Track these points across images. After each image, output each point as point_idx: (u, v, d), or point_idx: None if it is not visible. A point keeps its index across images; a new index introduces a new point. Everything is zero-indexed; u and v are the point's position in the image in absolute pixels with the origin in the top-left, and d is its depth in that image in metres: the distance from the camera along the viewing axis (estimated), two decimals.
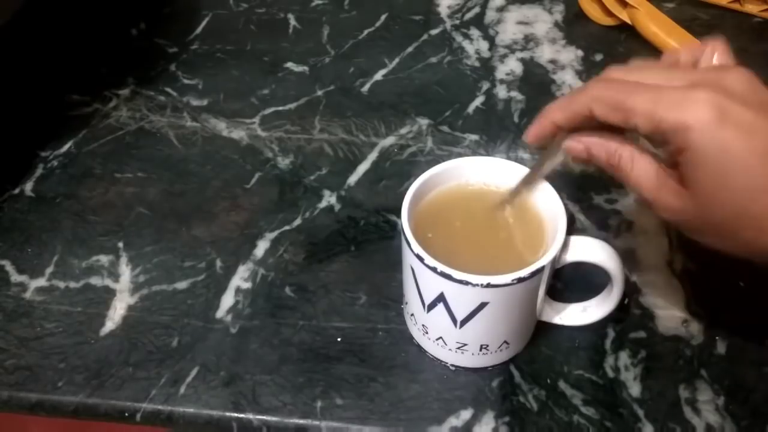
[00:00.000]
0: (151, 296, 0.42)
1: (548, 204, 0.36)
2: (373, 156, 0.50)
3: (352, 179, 0.49)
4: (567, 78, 0.56)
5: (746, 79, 0.29)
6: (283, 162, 0.50)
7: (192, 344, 0.40)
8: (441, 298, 0.34)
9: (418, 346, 0.39)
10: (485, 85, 0.56)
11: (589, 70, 0.57)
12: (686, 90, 0.29)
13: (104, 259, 0.44)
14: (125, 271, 0.44)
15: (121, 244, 0.45)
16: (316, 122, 0.53)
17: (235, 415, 0.37)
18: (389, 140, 0.52)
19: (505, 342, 0.37)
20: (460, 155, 0.49)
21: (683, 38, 0.56)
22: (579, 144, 0.33)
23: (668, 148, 0.29)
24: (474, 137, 0.52)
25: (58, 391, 0.38)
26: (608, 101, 0.30)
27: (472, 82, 0.56)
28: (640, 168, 0.31)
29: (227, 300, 0.42)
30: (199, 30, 0.62)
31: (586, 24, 0.62)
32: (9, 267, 0.44)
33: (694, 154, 0.28)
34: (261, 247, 0.45)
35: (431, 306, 0.35)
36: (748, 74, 0.29)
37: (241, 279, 0.43)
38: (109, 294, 0.43)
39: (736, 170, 0.28)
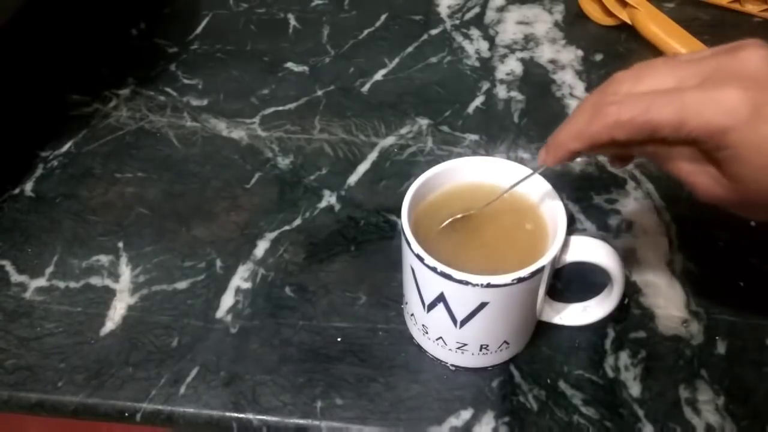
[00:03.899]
0: (151, 296, 0.42)
1: (548, 204, 0.36)
2: (373, 156, 0.50)
3: (352, 179, 0.49)
4: (567, 78, 0.56)
5: (761, 55, 0.28)
6: (283, 162, 0.50)
7: (192, 344, 0.40)
8: (441, 298, 0.34)
9: (418, 346, 0.39)
10: (485, 85, 0.56)
11: (589, 70, 0.57)
12: (709, 89, 0.27)
13: (104, 259, 0.44)
14: (125, 271, 0.44)
15: (121, 244, 0.45)
16: (316, 122, 0.53)
17: (235, 415, 0.37)
18: (389, 140, 0.52)
19: (505, 342, 0.37)
20: (460, 155, 0.49)
21: (683, 38, 0.56)
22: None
23: (702, 147, 0.28)
24: (474, 137, 0.52)
25: (58, 391, 0.38)
26: (629, 125, 0.28)
27: (472, 82, 0.56)
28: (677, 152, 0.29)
29: (227, 300, 0.42)
30: (199, 30, 0.62)
31: (586, 24, 0.62)
32: (9, 267, 0.44)
33: (732, 152, 0.27)
34: (261, 247, 0.45)
35: (431, 306, 0.35)
36: (761, 49, 0.28)
37: (241, 279, 0.43)
38: (109, 294, 0.43)
39: None
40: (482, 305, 0.33)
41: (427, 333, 0.37)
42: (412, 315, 0.38)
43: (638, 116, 0.28)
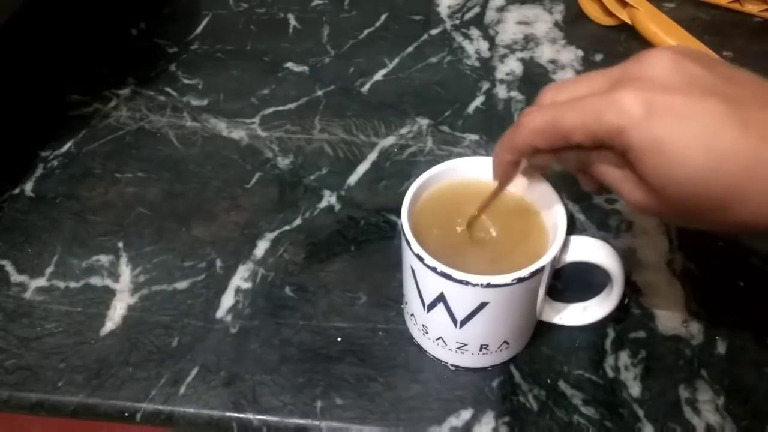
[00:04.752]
0: (151, 296, 0.42)
1: (548, 204, 0.36)
2: (373, 156, 0.50)
3: (352, 179, 0.49)
4: (567, 78, 0.56)
5: (666, 59, 0.28)
6: (283, 162, 0.50)
7: (192, 344, 0.40)
8: (441, 298, 0.34)
9: (418, 346, 0.39)
10: (485, 85, 0.56)
11: (588, 70, 0.56)
12: (609, 93, 0.28)
13: (104, 259, 0.44)
14: (125, 271, 0.44)
15: (121, 244, 0.45)
16: (316, 122, 0.53)
17: (235, 415, 0.37)
18: (389, 140, 0.52)
19: (505, 342, 0.37)
20: (460, 155, 0.49)
21: (683, 38, 0.56)
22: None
23: (616, 152, 0.29)
24: (474, 137, 0.52)
25: (58, 391, 0.38)
26: (543, 131, 0.30)
27: (472, 82, 0.56)
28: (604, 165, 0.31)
29: (227, 300, 0.42)
30: (199, 30, 0.62)
31: (586, 24, 0.62)
32: (9, 267, 0.44)
33: (635, 153, 0.28)
34: (261, 247, 0.45)
35: (431, 306, 0.35)
36: (668, 53, 0.29)
37: (241, 279, 0.43)
38: (109, 294, 0.43)
39: (679, 159, 0.27)
40: (482, 305, 0.33)
41: (427, 333, 0.37)
42: (412, 315, 0.38)
43: (547, 123, 0.30)
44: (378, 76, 0.57)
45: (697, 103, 0.27)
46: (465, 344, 0.36)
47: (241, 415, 0.37)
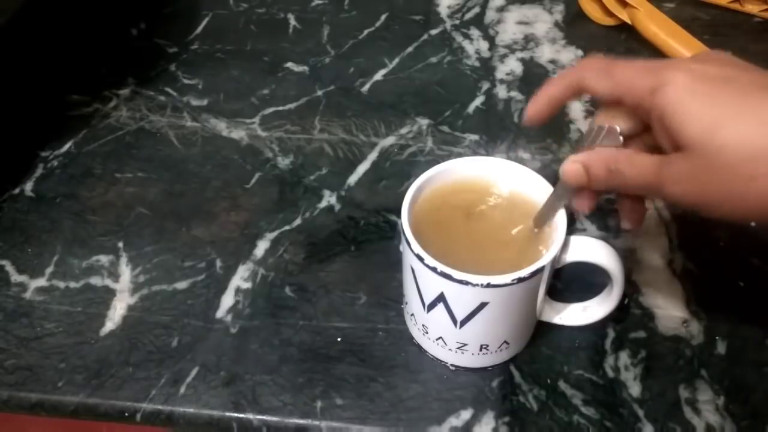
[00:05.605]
0: (151, 296, 0.42)
1: None
2: (373, 156, 0.50)
3: (352, 179, 0.49)
4: None
5: (717, 55, 0.31)
6: (283, 162, 0.50)
7: (192, 344, 0.40)
8: (441, 298, 0.34)
9: (418, 346, 0.39)
10: (485, 85, 0.56)
11: None
12: (657, 68, 0.30)
13: (104, 259, 0.44)
14: (125, 271, 0.44)
15: (121, 244, 0.45)
16: (316, 122, 0.53)
17: (235, 415, 0.37)
18: (389, 140, 0.52)
19: (505, 342, 0.37)
20: (460, 155, 0.49)
21: (683, 38, 0.56)
22: (575, 164, 0.32)
23: (654, 121, 0.30)
24: (474, 137, 0.52)
25: (58, 391, 0.38)
26: (597, 70, 0.33)
27: (472, 82, 0.56)
28: (638, 159, 0.31)
29: (227, 300, 0.42)
30: (199, 30, 0.62)
31: (586, 24, 0.62)
32: (9, 267, 0.44)
33: (674, 107, 0.28)
34: (261, 247, 0.45)
35: (431, 306, 0.35)
36: (721, 53, 0.31)
37: (241, 279, 0.43)
38: (109, 294, 0.43)
39: (720, 115, 0.27)
40: (482, 305, 0.33)
41: (427, 333, 0.37)
42: (412, 315, 0.38)
43: (603, 65, 0.33)
44: (378, 76, 0.57)
45: (737, 71, 0.29)
46: (465, 344, 0.36)
47: (241, 415, 0.37)
